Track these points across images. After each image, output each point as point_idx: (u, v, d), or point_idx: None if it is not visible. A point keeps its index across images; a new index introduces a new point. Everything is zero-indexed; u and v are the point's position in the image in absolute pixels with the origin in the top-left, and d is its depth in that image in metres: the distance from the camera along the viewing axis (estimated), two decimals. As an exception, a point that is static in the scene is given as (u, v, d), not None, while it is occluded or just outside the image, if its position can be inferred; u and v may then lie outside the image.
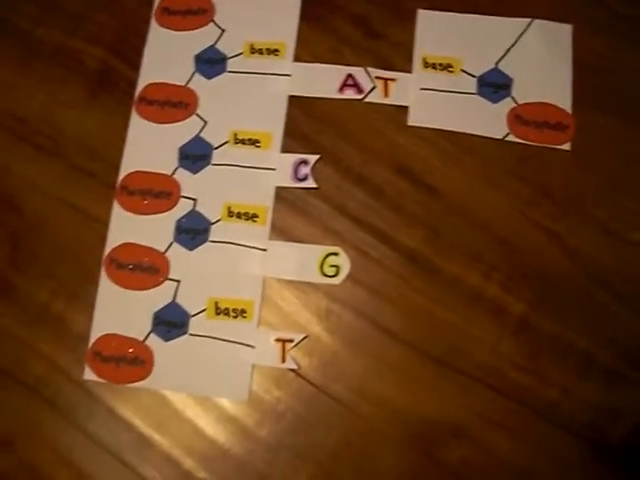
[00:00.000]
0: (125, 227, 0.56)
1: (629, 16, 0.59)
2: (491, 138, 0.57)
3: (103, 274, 0.55)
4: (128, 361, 0.54)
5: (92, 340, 0.54)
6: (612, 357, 0.52)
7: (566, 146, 0.57)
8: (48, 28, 0.62)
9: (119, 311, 0.55)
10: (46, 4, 0.62)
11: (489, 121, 0.57)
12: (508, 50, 0.59)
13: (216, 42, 0.60)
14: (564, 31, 0.59)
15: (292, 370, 0.53)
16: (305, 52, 0.59)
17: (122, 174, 0.57)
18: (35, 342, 0.55)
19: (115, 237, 0.56)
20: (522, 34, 0.59)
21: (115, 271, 0.55)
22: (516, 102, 0.58)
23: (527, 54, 0.59)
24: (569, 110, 0.57)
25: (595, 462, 0.51)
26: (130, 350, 0.54)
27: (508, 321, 0.53)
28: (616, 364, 0.52)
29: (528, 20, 0.59)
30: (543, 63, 0.59)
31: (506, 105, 0.58)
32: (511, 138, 0.57)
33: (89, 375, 0.54)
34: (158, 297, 0.55)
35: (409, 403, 0.52)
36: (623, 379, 0.52)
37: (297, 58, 0.59)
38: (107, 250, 0.56)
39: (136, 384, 0.53)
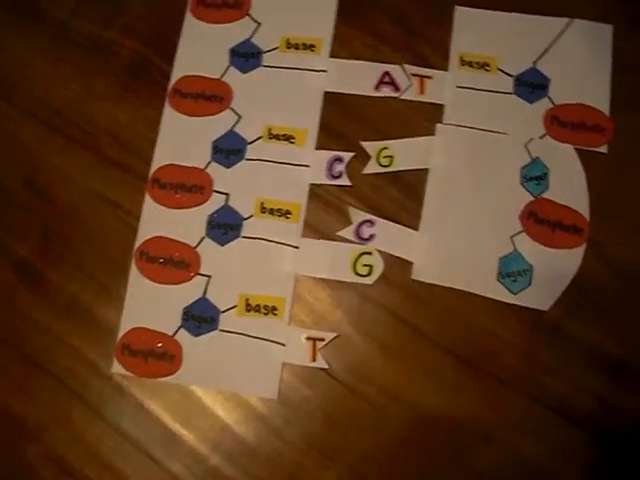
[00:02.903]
0: (156, 221, 0.56)
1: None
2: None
3: (133, 267, 0.55)
4: (157, 355, 0.53)
5: (121, 333, 0.54)
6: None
7: (603, 149, 0.56)
8: (83, 19, 0.61)
9: (149, 305, 0.54)
10: (82, -5, 0.62)
11: (525, 121, 0.57)
12: (546, 50, 0.58)
13: (252, 36, 0.59)
14: (604, 31, 0.58)
15: (322, 369, 0.52)
16: (342, 48, 0.59)
17: (154, 167, 0.57)
18: (64, 334, 0.55)
19: (146, 230, 0.56)
20: (561, 34, 0.58)
21: (145, 265, 0.55)
22: (553, 103, 0.57)
23: (566, 54, 0.58)
24: (607, 112, 0.56)
25: (629, 473, 0.50)
26: (159, 344, 0.53)
27: (542, 327, 0.52)
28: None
29: (567, 20, 0.58)
30: (582, 64, 0.58)
31: (543, 106, 0.57)
32: (548, 139, 0.56)
33: (117, 368, 0.54)
34: (188, 292, 0.54)
35: (440, 406, 0.52)
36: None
37: (333, 54, 0.59)
38: (138, 243, 0.56)
39: (164, 379, 0.53)
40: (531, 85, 0.57)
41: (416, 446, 0.51)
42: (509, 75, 0.58)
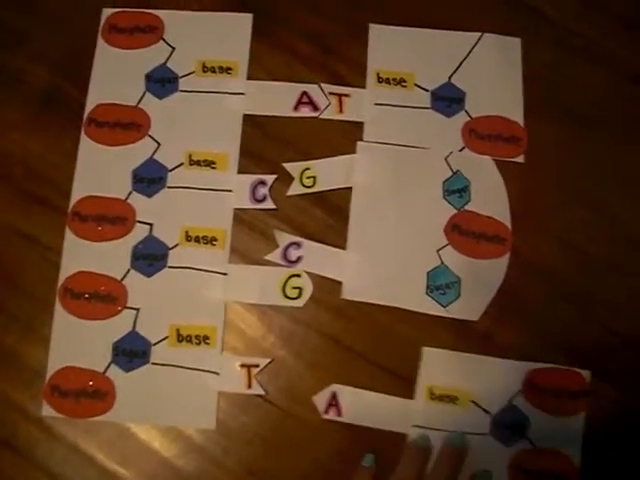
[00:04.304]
0: (79, 255, 0.54)
1: (573, 30, 0.60)
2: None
3: (58, 305, 0.53)
4: (88, 394, 0.52)
5: (49, 374, 0.52)
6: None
7: (520, 159, 0.57)
8: (-12, 46, 0.59)
9: (77, 343, 0.53)
10: (-15, 21, 0.60)
11: (444, 135, 0.58)
12: (460, 64, 0.59)
13: (167, 61, 0.58)
14: (513, 45, 0.60)
15: (259, 395, 0.52)
16: (259, 70, 0.59)
17: (73, 199, 0.55)
18: (-12, 378, 0.53)
19: (69, 266, 0.54)
20: (473, 48, 0.60)
21: (70, 301, 0.53)
22: (470, 116, 0.58)
23: (478, 68, 0.59)
24: (521, 123, 0.58)
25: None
26: (90, 383, 0.52)
27: (472, 336, 0.53)
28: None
29: (478, 34, 0.60)
30: (494, 76, 0.59)
31: (460, 119, 0.58)
32: (467, 152, 0.57)
33: (47, 411, 0.52)
34: (117, 326, 0.53)
35: (377, 422, 0.52)
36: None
37: (251, 76, 0.58)
38: (61, 279, 0.54)
39: (98, 418, 0.52)
40: (448, 99, 0.58)
41: (356, 461, 0.51)
42: (425, 90, 0.59)
